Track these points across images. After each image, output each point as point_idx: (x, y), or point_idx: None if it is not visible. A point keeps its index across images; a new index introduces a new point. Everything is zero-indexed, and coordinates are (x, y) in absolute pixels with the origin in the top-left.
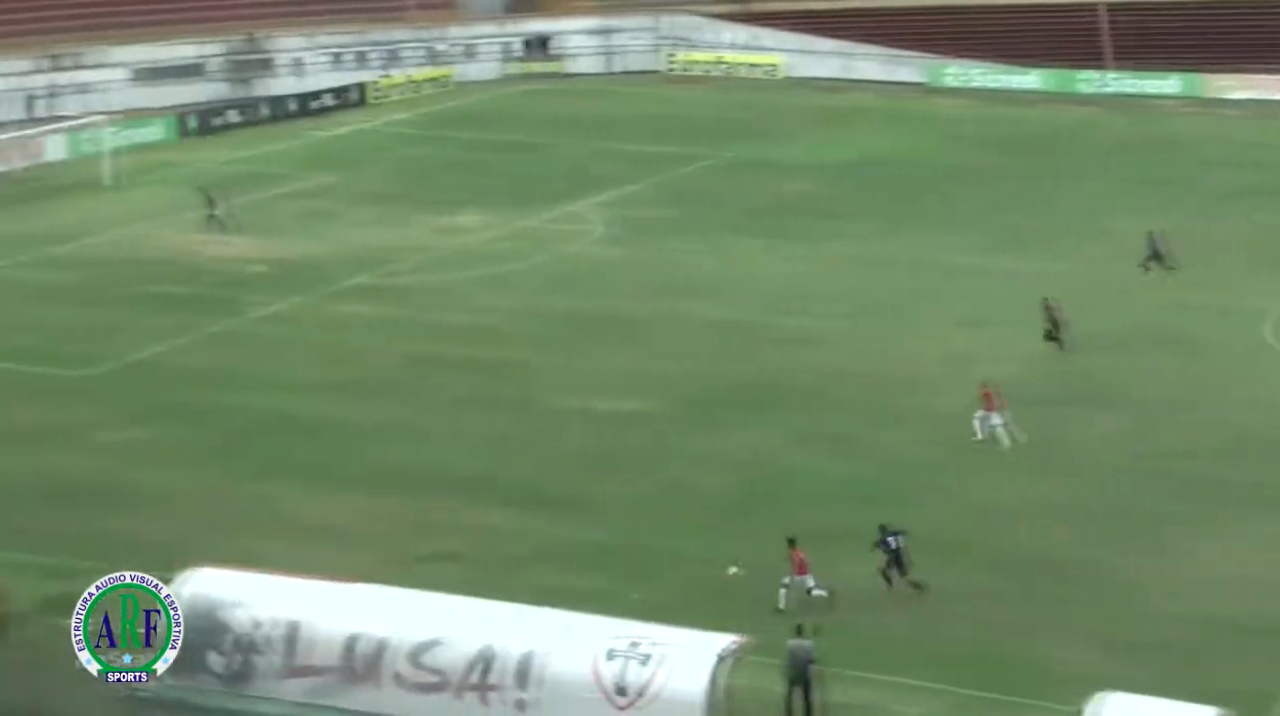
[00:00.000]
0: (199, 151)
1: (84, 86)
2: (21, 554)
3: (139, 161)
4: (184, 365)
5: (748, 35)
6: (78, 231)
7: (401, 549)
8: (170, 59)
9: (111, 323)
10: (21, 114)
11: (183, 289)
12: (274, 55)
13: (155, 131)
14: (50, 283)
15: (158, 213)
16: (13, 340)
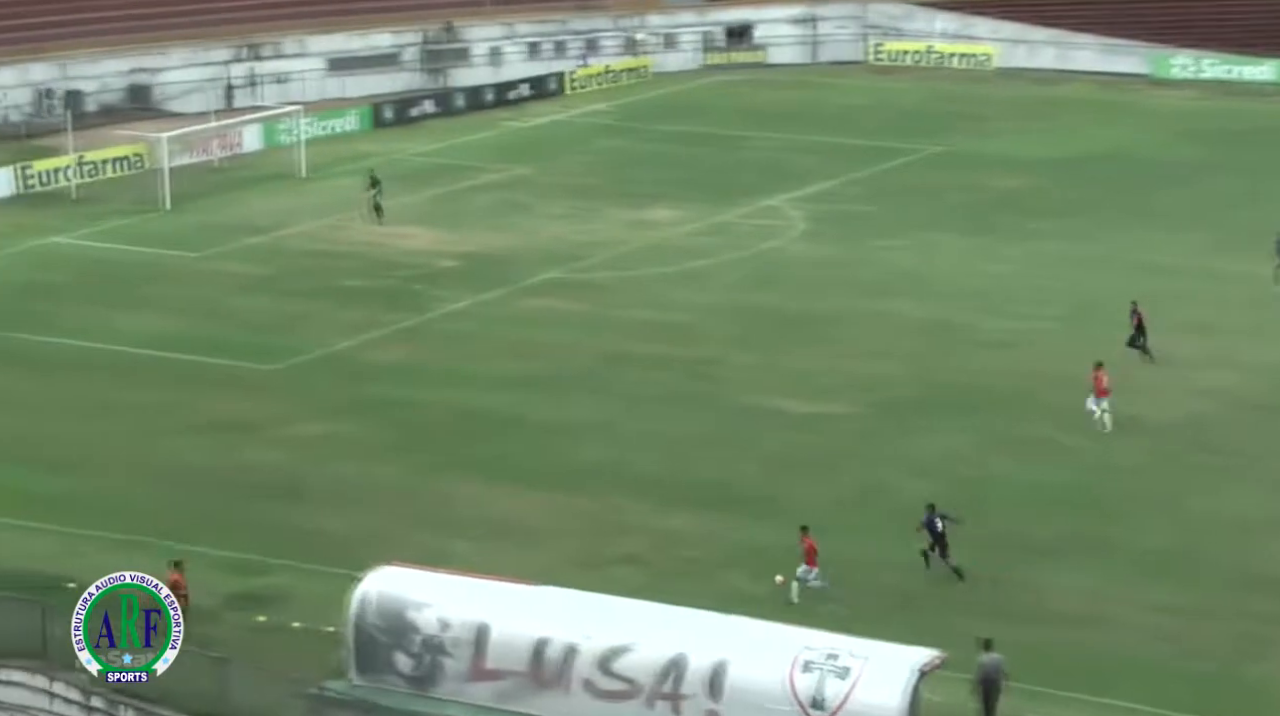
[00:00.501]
0: (393, 142)
1: (281, 76)
2: (210, 548)
3: (333, 152)
4: (373, 360)
5: (959, 23)
6: (272, 223)
7: (589, 550)
8: (366, 49)
9: (303, 315)
10: (220, 103)
11: (373, 282)
12: (471, 45)
13: (350, 122)
14: (246, 274)
15: (350, 205)
16: (209, 331)
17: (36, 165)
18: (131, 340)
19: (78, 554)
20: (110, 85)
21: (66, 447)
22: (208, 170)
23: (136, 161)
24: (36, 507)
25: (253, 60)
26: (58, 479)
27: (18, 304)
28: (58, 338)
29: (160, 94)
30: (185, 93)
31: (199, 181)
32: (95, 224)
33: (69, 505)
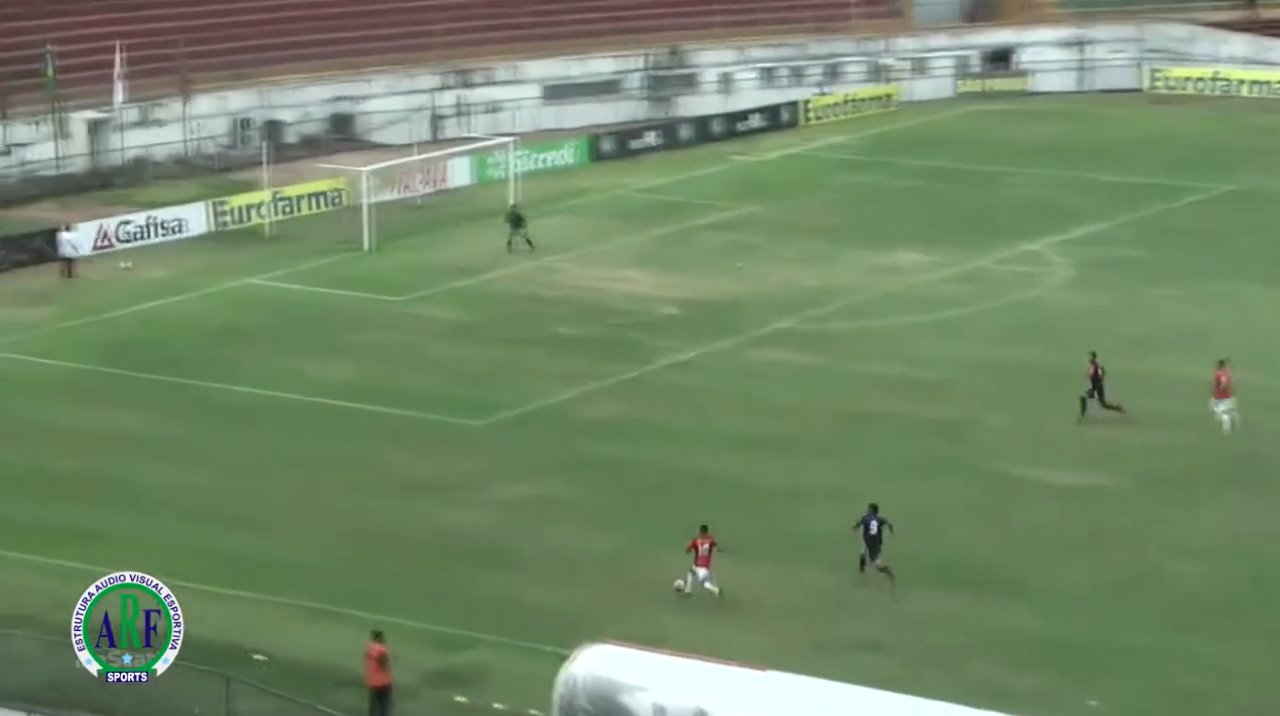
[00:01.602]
0: (612, 177)
1: (492, 105)
2: (407, 619)
3: (547, 188)
4: (588, 415)
5: (1252, 47)
6: (481, 264)
7: (822, 632)
8: (585, 75)
9: (512, 365)
10: (426, 134)
11: (588, 330)
12: (699, 71)
13: (566, 155)
14: (451, 320)
15: (565, 245)
16: (410, 382)
17: (231, 201)
18: (328, 390)
19: (266, 622)
20: (311, 115)
21: (255, 505)
22: (412, 207)
23: (336, 197)
24: (221, 569)
25: (462, 88)
26: (245, 539)
27: (209, 349)
28: (249, 386)
29: (363, 124)
30: (389, 123)
31: (402, 219)
32: (291, 264)
33: (257, 568)
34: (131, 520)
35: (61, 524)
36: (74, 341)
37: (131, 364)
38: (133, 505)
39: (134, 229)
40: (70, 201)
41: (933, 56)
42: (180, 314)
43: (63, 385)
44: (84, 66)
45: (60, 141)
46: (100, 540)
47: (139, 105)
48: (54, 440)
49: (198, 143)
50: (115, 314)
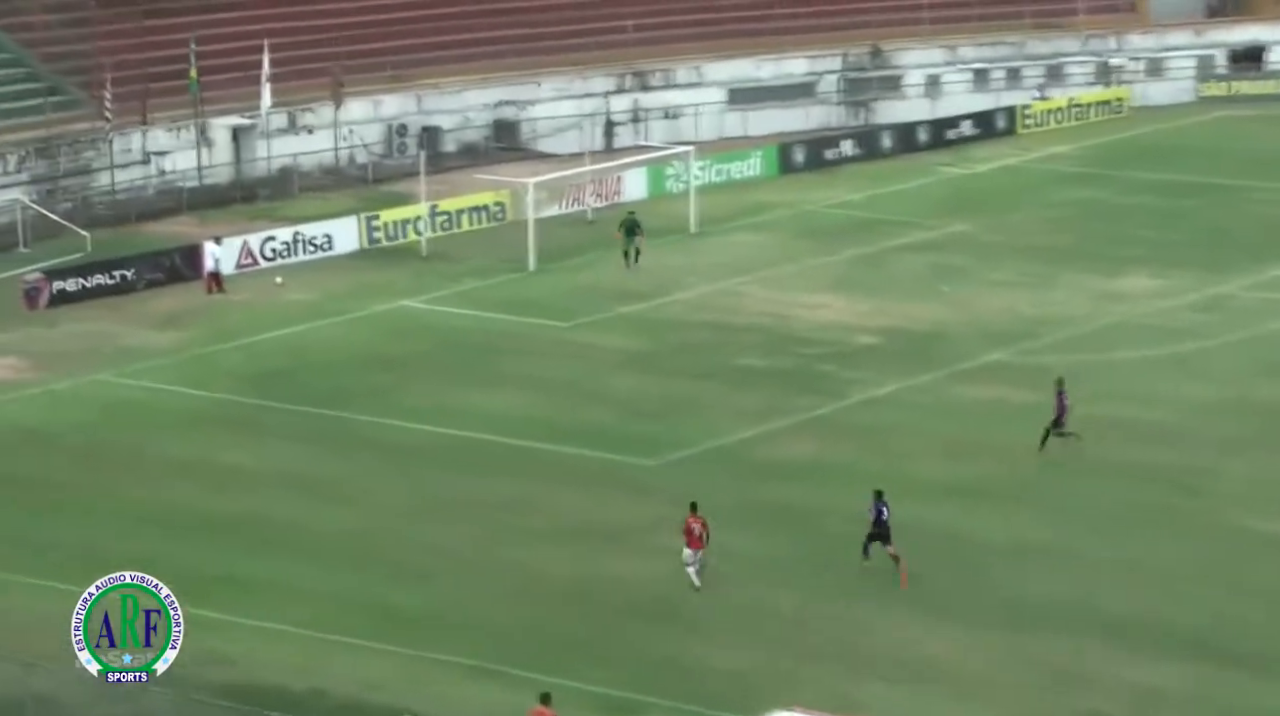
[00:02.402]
0: (803, 191)
1: (671, 110)
2: (574, 680)
3: (731, 202)
4: (772, 456)
5: None
6: (655, 287)
7: (1040, 707)
8: (775, 77)
9: (690, 400)
10: (598, 143)
11: (775, 361)
12: (902, 72)
13: (752, 165)
14: (622, 349)
15: (749, 266)
16: (577, 416)
17: (384, 216)
18: (487, 424)
19: (421, 681)
20: (471, 121)
21: (408, 551)
22: (581, 223)
23: (498, 212)
24: (379, 622)
25: (638, 91)
26: (398, 589)
27: (359, 378)
28: (406, 420)
29: (528, 131)
30: (557, 130)
31: (571, 236)
32: (449, 286)
33: (410, 622)
34: (283, 567)
35: (209, 571)
36: (216, 369)
37: (279, 394)
38: (285, 551)
39: (279, 245)
40: (211, 215)
41: (1170, 56)
42: (330, 339)
43: (207, 418)
44: (228, 68)
45: (202, 150)
46: (251, 589)
47: (286, 110)
48: (200, 478)
49: (349, 151)
50: (259, 338)
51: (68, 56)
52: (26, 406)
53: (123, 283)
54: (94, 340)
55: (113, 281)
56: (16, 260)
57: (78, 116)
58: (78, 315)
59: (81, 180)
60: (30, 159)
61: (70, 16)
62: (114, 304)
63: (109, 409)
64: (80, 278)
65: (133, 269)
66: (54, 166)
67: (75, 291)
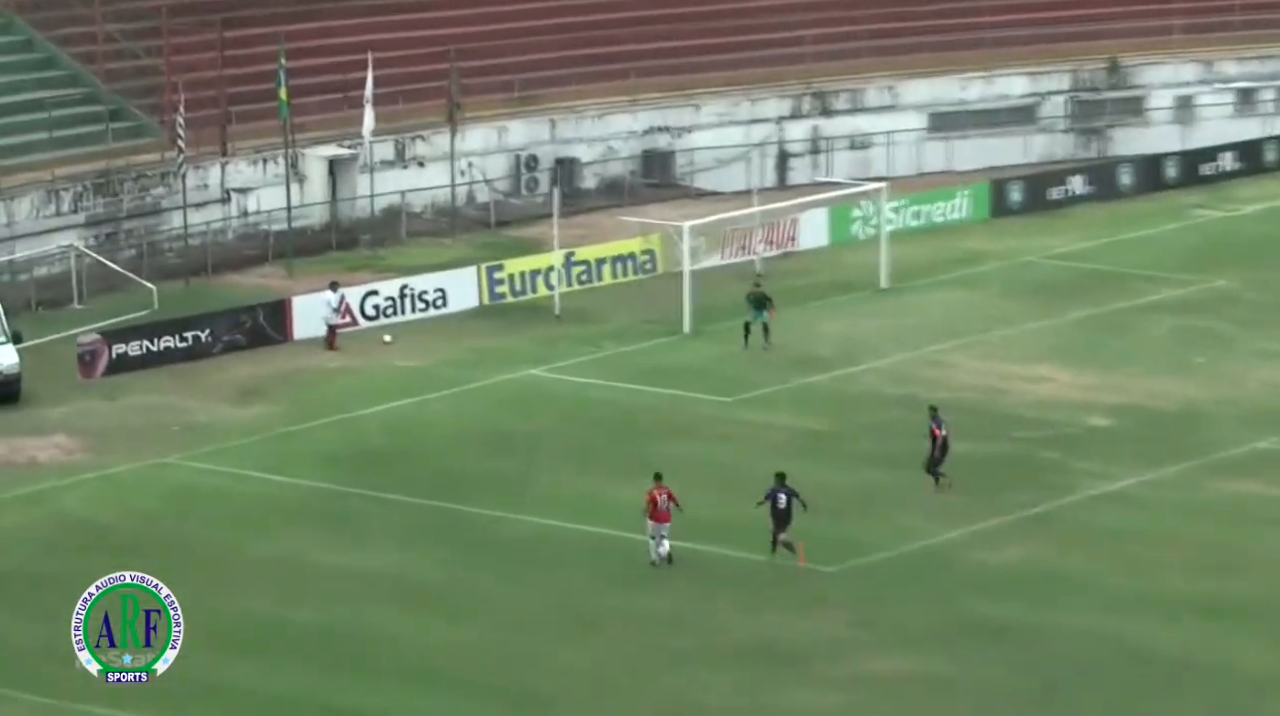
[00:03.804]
0: (1020, 237)
1: (859, 139)
2: None
3: (930, 252)
4: (982, 562)
5: None
6: (838, 354)
7: None
8: (987, 99)
9: (881, 492)
10: (768, 179)
11: (985, 446)
12: (1146, 92)
13: (957, 206)
14: (798, 429)
15: (954, 330)
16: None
17: (509, 266)
18: (630, 520)
19: None
20: (616, 151)
21: (534, 675)
22: (748, 276)
23: (647, 262)
24: None
25: (818, 116)
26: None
27: (479, 462)
28: (528, 513)
29: (684, 164)
30: (720, 163)
31: (735, 293)
32: (586, 351)
33: None
34: (382, 693)
35: (294, 695)
36: (306, 451)
37: (381, 482)
38: (384, 673)
39: (383, 302)
40: (302, 264)
41: None
42: (443, 415)
43: (295, 510)
44: (323, 88)
45: (292, 186)
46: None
47: (393, 139)
48: (283, 583)
49: (468, 188)
50: (357, 414)
51: (134, 74)
52: (77, 495)
53: (195, 346)
54: (160, 415)
55: (184, 344)
56: (69, 318)
57: (144, 146)
58: (141, 385)
59: (148, 222)
60: (87, 196)
61: (137, 27)
62: (184, 372)
63: (176, 498)
64: (145, 339)
65: (208, 329)
66: (115, 205)
67: (138, 356)
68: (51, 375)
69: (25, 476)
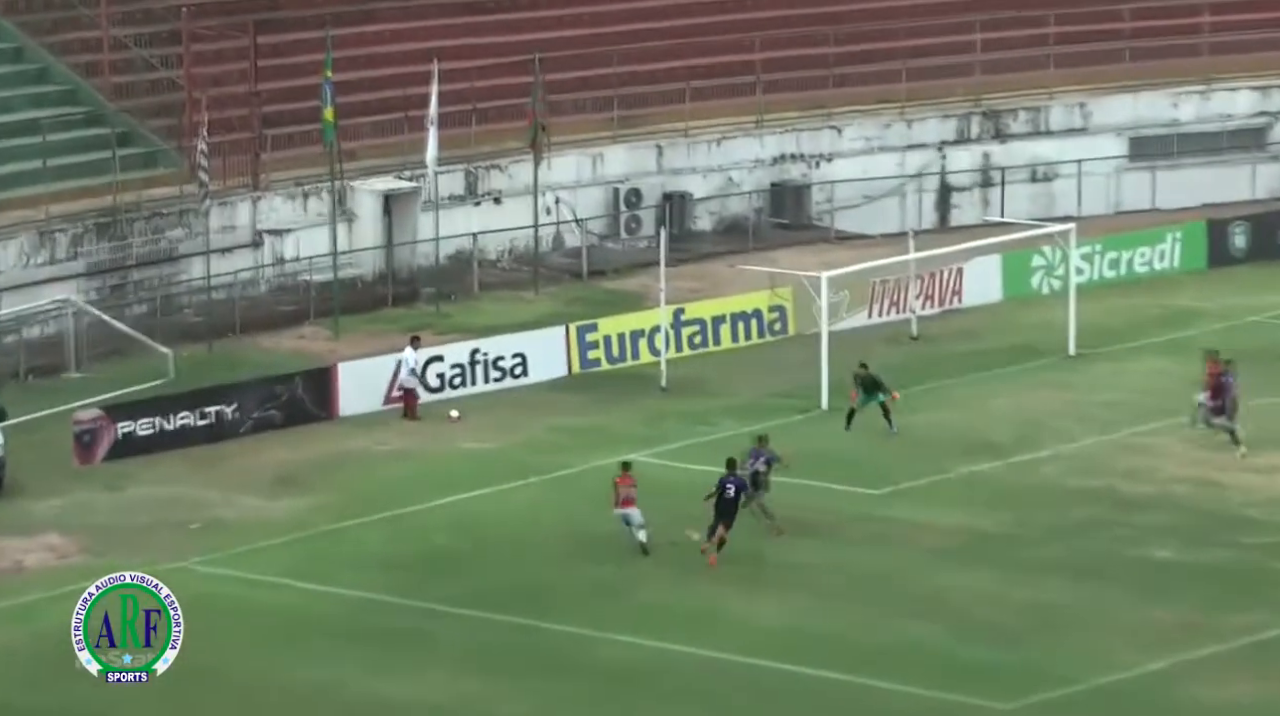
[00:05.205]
0: (1246, 293)
1: (1040, 168)
2: None
3: (1134, 309)
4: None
5: None
6: (1013, 437)
7: None
8: (1202, 119)
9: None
10: (927, 217)
11: (1200, 554)
12: None
13: (1165, 254)
14: (964, 529)
15: (1161, 408)
16: (896, 633)
17: (605, 326)
18: (754, 642)
19: None
20: (737, 185)
21: None
22: (903, 339)
23: (776, 321)
24: None
25: (989, 141)
26: None
27: (567, 569)
28: (627, 632)
29: (822, 200)
30: (867, 199)
31: (886, 358)
32: (700, 432)
33: None
34: None
35: None
36: (354, 554)
37: (446, 593)
38: None
39: (450, 369)
40: (351, 323)
41: None
42: (521, 511)
43: (339, 627)
44: (376, 106)
45: (339, 227)
46: None
47: (463, 168)
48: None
49: (554, 229)
50: (417, 508)
51: (147, 89)
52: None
53: (219, 424)
54: (174, 509)
55: (204, 422)
56: (65, 390)
57: (159, 178)
58: (152, 472)
59: (163, 271)
60: (89, 239)
61: (151, 31)
62: (205, 456)
63: (194, 610)
64: (157, 416)
65: (234, 403)
66: (123, 251)
67: (149, 436)
68: (42, 460)
69: (8, 585)
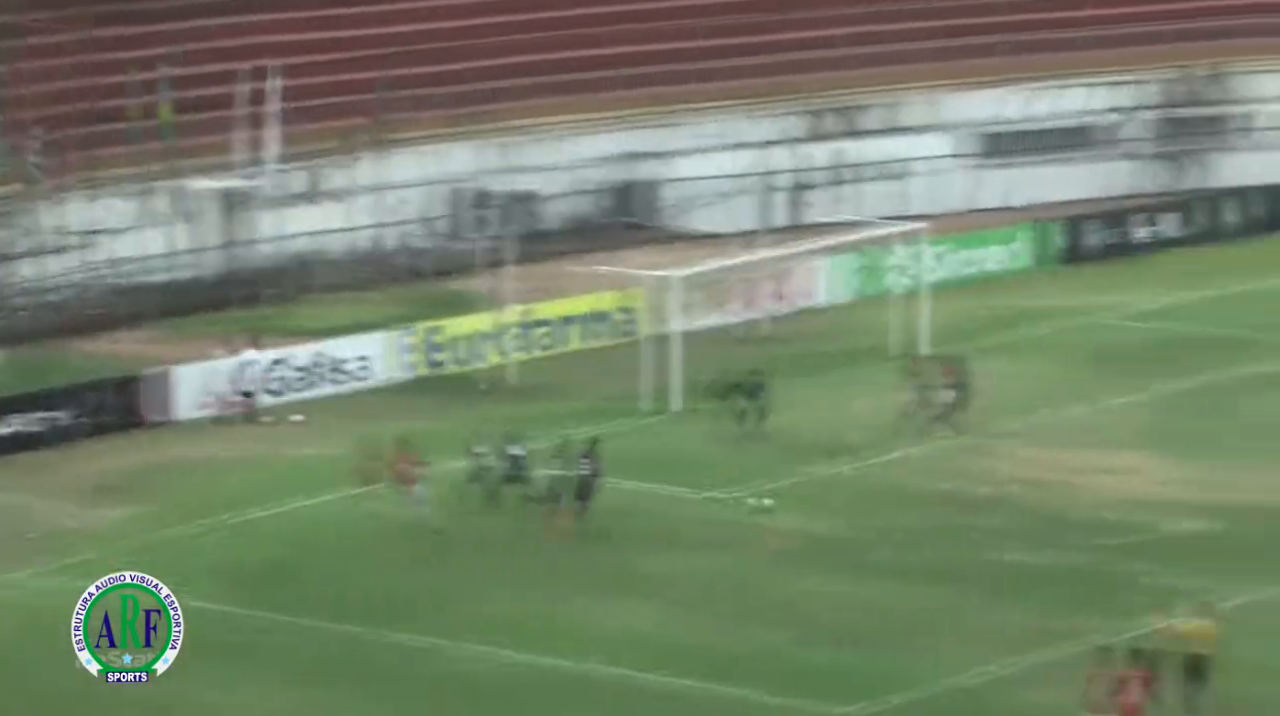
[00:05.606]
0: (1093, 292)
1: (889, 167)
2: None
3: (977, 307)
4: (1041, 705)
5: None
6: (864, 439)
7: None
8: (1051, 116)
9: (914, 614)
10: (774, 217)
11: (1049, 556)
12: (1256, 107)
13: (1014, 252)
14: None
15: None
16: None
17: (449, 328)
18: (600, 650)
19: None
20: (583, 183)
21: None
22: (750, 340)
23: (624, 322)
24: None
25: (840, 138)
26: None
27: (408, 577)
28: (469, 640)
29: (671, 199)
30: (717, 197)
31: (734, 359)
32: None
33: None
34: None
35: None
36: (184, 563)
37: (279, 602)
38: None
39: (291, 373)
40: (186, 325)
41: None
42: (360, 518)
43: None
44: (215, 102)
45: (176, 226)
46: None
47: (303, 167)
48: None
49: (397, 229)
50: (255, 516)
51: None
52: None
53: (49, 431)
54: (6, 518)
55: (32, 429)
56: None
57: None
58: None
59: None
60: None
61: None
62: (33, 463)
63: (21, 625)
64: None
65: (64, 409)
66: None
67: None
68: None
69: None
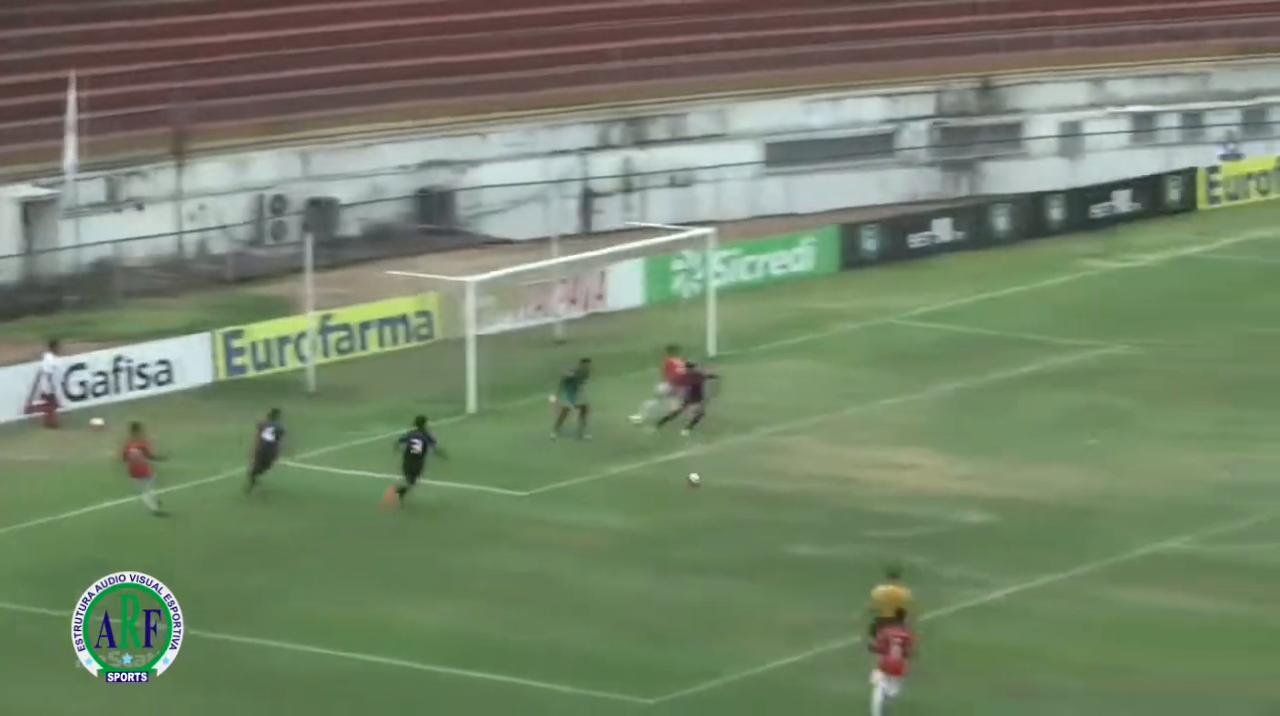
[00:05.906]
0: (876, 295)
1: (681, 175)
2: None
3: (770, 311)
4: (833, 692)
5: None
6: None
7: None
8: (834, 125)
9: (712, 607)
10: (571, 224)
11: (836, 549)
12: (1026, 117)
13: (800, 257)
14: (610, 529)
15: (798, 407)
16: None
17: (251, 332)
18: (408, 646)
19: None
20: (383, 190)
21: None
22: (548, 343)
23: (422, 326)
24: None
25: (631, 147)
26: None
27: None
28: (281, 639)
29: (469, 206)
30: (512, 204)
31: (531, 362)
32: (348, 437)
33: None
34: None
35: None
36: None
37: None
38: None
39: (92, 377)
40: None
41: None
42: (169, 519)
43: None
44: (15, 111)
45: None
46: None
47: (104, 175)
48: None
49: (199, 237)
50: (60, 518)
51: None
52: None
53: None
54: None
55: None
56: None
57: None
58: None
59: None
60: None
61: None
62: None
63: None
64: None
65: None
66: None
67: None
68: None
69: None
